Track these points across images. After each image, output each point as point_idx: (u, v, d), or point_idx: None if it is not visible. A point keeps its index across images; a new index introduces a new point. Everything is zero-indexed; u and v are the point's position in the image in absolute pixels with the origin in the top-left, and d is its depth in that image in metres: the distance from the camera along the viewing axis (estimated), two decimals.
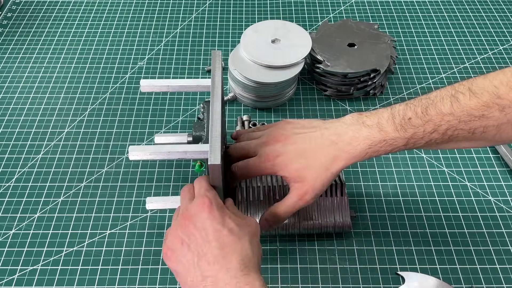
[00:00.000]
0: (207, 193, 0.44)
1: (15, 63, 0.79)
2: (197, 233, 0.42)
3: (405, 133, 0.45)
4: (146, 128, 0.69)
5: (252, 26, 0.72)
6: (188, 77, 0.76)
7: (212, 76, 0.50)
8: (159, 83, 0.53)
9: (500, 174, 0.63)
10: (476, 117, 0.42)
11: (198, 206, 0.43)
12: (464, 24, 0.86)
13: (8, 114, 0.71)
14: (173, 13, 0.88)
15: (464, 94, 0.43)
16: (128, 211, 0.59)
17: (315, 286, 0.53)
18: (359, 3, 0.90)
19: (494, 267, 0.54)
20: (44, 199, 0.61)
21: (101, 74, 0.77)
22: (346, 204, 0.55)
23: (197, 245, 0.41)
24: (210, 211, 0.43)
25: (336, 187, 0.56)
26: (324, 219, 0.54)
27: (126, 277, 0.54)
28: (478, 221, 0.59)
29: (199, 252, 0.41)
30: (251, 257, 0.41)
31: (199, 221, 0.42)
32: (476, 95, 0.42)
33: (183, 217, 0.44)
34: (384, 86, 0.73)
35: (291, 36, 0.70)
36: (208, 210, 0.43)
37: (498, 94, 0.41)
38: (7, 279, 0.54)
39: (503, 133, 0.42)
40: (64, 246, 0.56)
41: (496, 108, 0.41)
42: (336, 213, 0.55)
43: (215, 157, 0.43)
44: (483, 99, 0.42)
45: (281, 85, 0.68)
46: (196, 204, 0.43)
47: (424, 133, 0.44)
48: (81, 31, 0.84)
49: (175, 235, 0.43)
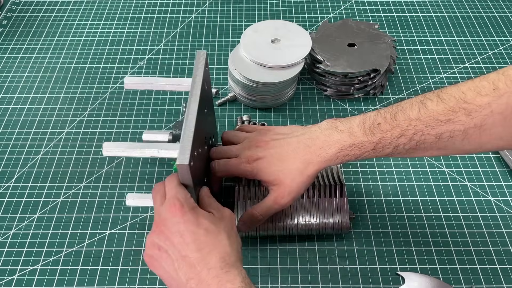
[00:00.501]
0: (177, 195, 0.43)
1: (15, 63, 0.79)
2: (173, 238, 0.42)
3: (373, 137, 0.46)
4: (146, 128, 0.69)
5: (252, 26, 0.72)
6: (188, 77, 0.76)
7: (194, 76, 0.50)
8: (142, 81, 0.54)
9: (500, 174, 0.63)
10: (442, 122, 0.43)
11: (170, 210, 0.43)
12: (464, 24, 0.86)
13: (8, 114, 0.71)
14: (173, 13, 0.88)
15: (432, 100, 0.44)
16: (128, 211, 0.59)
17: (315, 286, 0.53)
18: (359, 3, 0.90)
19: (494, 267, 0.54)
20: (44, 199, 0.61)
21: (101, 74, 0.77)
22: (346, 206, 0.55)
23: (175, 250, 0.41)
24: (182, 214, 0.42)
25: (336, 188, 0.55)
26: (322, 220, 0.54)
27: (126, 277, 0.54)
28: (478, 221, 0.59)
29: (178, 257, 0.41)
30: (230, 253, 0.41)
31: (173, 225, 0.42)
32: (444, 100, 0.43)
33: (157, 224, 0.43)
34: (384, 86, 0.73)
35: (291, 36, 0.70)
36: (180, 214, 0.42)
37: (465, 99, 0.42)
38: (7, 279, 0.54)
39: (470, 138, 0.43)
40: (64, 246, 0.56)
41: (463, 112, 0.42)
42: (335, 214, 0.54)
43: (183, 157, 0.43)
44: (449, 104, 0.42)
45: (281, 85, 0.68)
46: (167, 208, 0.43)
47: (391, 138, 0.46)
48: (81, 31, 0.84)
49: (152, 242, 0.43)
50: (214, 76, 0.76)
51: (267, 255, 0.55)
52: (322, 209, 0.55)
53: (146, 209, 0.59)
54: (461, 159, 0.65)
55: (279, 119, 0.70)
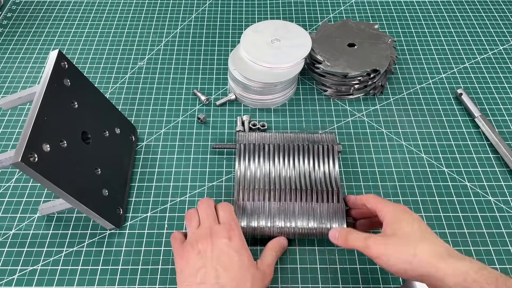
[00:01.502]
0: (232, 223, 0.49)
1: (15, 63, 0.79)
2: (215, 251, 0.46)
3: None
4: (146, 129, 0.69)
5: (252, 26, 0.72)
6: (188, 77, 0.76)
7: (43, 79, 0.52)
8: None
9: (500, 174, 0.63)
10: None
11: (225, 231, 0.48)
12: (464, 24, 0.86)
13: (8, 114, 0.71)
14: (173, 13, 0.88)
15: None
16: (127, 211, 0.59)
17: (315, 286, 0.53)
18: (359, 3, 0.90)
19: (494, 267, 0.54)
20: (44, 199, 0.61)
21: (101, 74, 0.77)
22: (342, 211, 0.55)
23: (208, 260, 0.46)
24: (233, 239, 0.48)
25: (333, 193, 0.56)
26: (320, 225, 0.54)
27: (126, 277, 0.54)
28: (478, 221, 0.59)
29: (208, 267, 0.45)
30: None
31: (220, 242, 0.47)
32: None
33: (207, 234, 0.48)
34: (384, 86, 0.73)
35: (291, 36, 0.70)
36: (232, 238, 0.48)
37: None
38: (7, 279, 0.54)
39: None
40: (64, 246, 0.56)
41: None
42: (332, 220, 0.54)
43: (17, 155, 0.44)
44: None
45: (281, 85, 0.68)
46: (223, 228, 0.48)
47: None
48: (81, 31, 0.84)
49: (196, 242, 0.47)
50: (214, 76, 0.76)
51: None
52: (320, 215, 0.55)
53: (146, 210, 0.60)
54: (461, 159, 0.65)
55: (279, 119, 0.70)
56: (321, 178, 0.58)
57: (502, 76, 0.76)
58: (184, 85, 0.75)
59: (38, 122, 0.47)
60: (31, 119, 0.47)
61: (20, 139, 0.45)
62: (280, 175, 0.59)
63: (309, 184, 0.57)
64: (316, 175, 0.59)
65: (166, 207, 0.60)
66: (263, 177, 0.58)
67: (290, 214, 0.55)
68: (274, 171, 0.59)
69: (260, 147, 0.61)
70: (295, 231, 0.54)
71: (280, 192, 0.56)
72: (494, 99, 0.73)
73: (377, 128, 0.69)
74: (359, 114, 0.71)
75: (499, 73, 0.77)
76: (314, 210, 0.55)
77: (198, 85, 0.75)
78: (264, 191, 0.56)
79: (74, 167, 0.51)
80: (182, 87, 0.74)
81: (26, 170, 0.44)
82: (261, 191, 0.56)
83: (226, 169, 0.64)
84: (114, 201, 0.57)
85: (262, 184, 0.57)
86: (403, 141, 0.67)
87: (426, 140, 0.67)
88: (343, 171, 0.63)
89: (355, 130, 0.68)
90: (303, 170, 0.59)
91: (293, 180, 0.58)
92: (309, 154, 0.60)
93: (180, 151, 0.66)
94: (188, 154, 0.65)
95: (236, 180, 0.58)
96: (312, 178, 0.58)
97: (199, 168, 0.64)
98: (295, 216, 0.55)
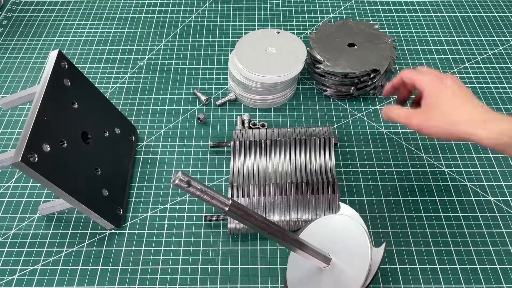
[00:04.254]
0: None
1: (15, 63, 0.79)
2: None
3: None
4: (146, 129, 0.69)
5: (245, 36, 0.71)
6: (188, 77, 0.76)
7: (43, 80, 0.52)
8: None
9: (500, 174, 0.63)
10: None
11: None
12: (464, 24, 0.86)
13: (8, 114, 0.71)
14: (173, 13, 0.88)
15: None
16: (127, 211, 0.59)
17: None
18: (359, 3, 0.90)
19: (494, 267, 0.54)
20: (44, 199, 0.61)
21: (101, 74, 0.77)
22: (337, 202, 0.55)
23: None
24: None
25: (328, 184, 0.56)
26: (314, 217, 0.54)
27: (126, 277, 0.54)
28: (478, 221, 0.59)
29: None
30: None
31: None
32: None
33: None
34: (384, 86, 0.73)
35: (285, 44, 0.70)
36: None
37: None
38: (7, 279, 0.54)
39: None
40: (64, 246, 0.56)
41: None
42: (326, 211, 0.55)
43: (17, 156, 0.44)
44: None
45: (281, 85, 0.68)
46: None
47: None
48: (81, 31, 0.84)
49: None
50: (214, 76, 0.76)
51: (267, 255, 0.55)
52: (314, 206, 0.55)
53: (146, 210, 0.60)
54: (461, 159, 0.65)
55: (279, 119, 0.70)
56: (317, 171, 0.58)
57: (502, 76, 0.76)
58: (184, 85, 0.75)
59: (38, 122, 0.47)
60: (31, 119, 0.47)
61: (20, 139, 0.45)
62: (276, 170, 0.59)
63: (305, 177, 0.58)
64: (312, 167, 0.59)
65: (166, 207, 0.60)
66: (259, 172, 0.59)
67: (285, 208, 0.55)
68: (270, 166, 0.59)
69: (256, 143, 0.61)
70: (289, 224, 0.55)
71: (275, 186, 0.56)
72: (494, 99, 0.73)
73: (377, 128, 0.69)
74: (359, 114, 0.71)
75: (499, 73, 0.77)
76: (309, 202, 0.55)
77: (198, 85, 0.75)
78: (260, 186, 0.56)
79: (74, 167, 0.51)
80: (182, 87, 0.74)
81: (26, 170, 0.44)
82: (256, 186, 0.56)
83: (226, 169, 0.64)
84: (114, 201, 0.57)
85: (257, 180, 0.57)
86: (403, 141, 0.67)
87: (426, 140, 0.67)
88: (343, 171, 0.63)
89: (355, 130, 0.68)
90: (299, 163, 0.59)
91: (289, 174, 0.58)
92: (306, 147, 0.61)
93: (180, 151, 0.66)
94: (188, 154, 0.65)
95: (230, 177, 0.58)
96: (308, 171, 0.59)
97: (199, 168, 0.64)
98: (290, 209, 0.55)
